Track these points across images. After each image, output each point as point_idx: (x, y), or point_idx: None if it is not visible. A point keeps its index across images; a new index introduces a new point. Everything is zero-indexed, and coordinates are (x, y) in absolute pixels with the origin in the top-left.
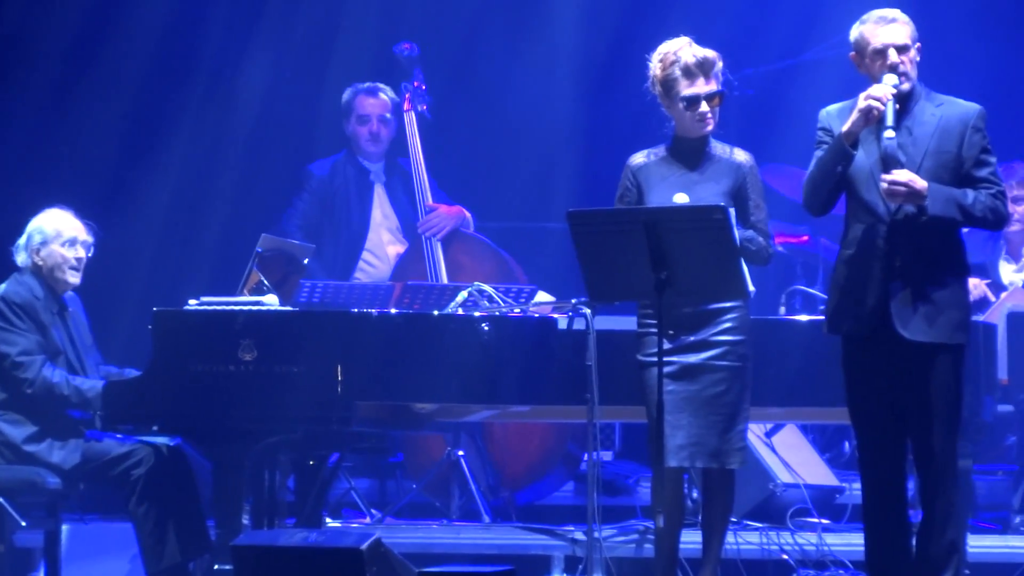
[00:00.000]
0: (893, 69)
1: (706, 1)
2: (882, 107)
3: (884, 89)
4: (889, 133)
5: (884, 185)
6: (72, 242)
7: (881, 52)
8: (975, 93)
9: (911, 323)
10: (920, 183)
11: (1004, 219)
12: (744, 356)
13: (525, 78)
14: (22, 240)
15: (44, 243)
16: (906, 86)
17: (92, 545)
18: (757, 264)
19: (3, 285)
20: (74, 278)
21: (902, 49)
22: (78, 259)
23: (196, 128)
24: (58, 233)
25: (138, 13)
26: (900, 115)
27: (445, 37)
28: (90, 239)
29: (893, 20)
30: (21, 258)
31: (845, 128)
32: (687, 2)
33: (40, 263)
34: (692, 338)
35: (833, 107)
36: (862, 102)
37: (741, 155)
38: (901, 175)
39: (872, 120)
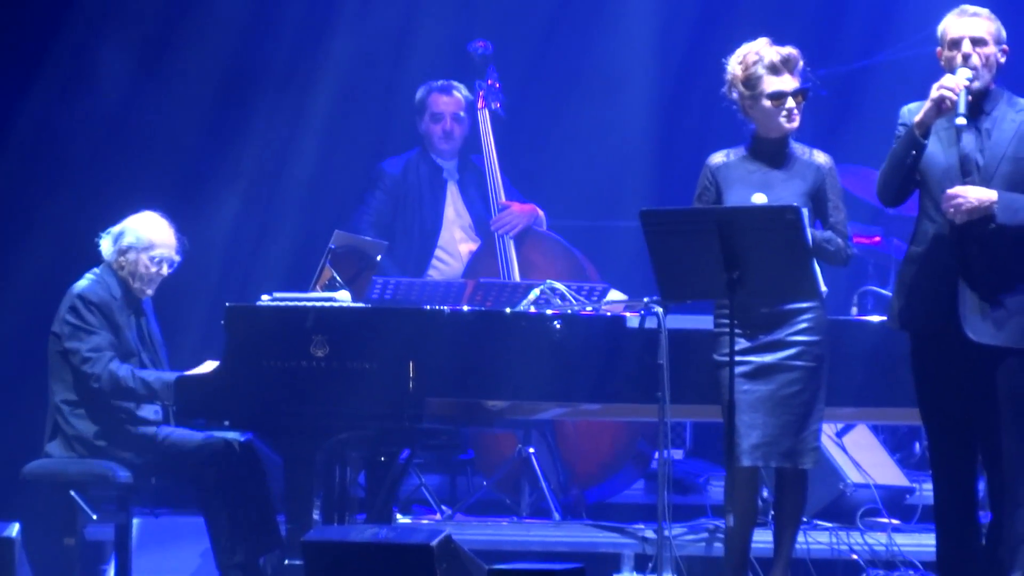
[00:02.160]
0: (965, 60)
1: (780, 3)
2: (954, 97)
3: (956, 79)
4: (960, 120)
5: (946, 204)
6: (160, 260)
7: (956, 43)
8: None
9: (979, 325)
10: (983, 197)
11: None
12: (820, 357)
13: (599, 76)
14: (115, 230)
15: (132, 247)
16: (977, 83)
17: (163, 538)
18: (836, 265)
19: (83, 281)
20: (148, 290)
21: (977, 42)
22: (159, 275)
23: (270, 124)
24: (150, 245)
25: (214, 10)
26: (978, 117)
27: (519, 35)
28: (177, 259)
29: (975, 14)
30: (106, 248)
31: (917, 118)
32: (761, 3)
33: (123, 263)
34: (768, 338)
35: (915, 104)
36: (935, 92)
37: (820, 157)
38: (964, 190)
39: (945, 110)
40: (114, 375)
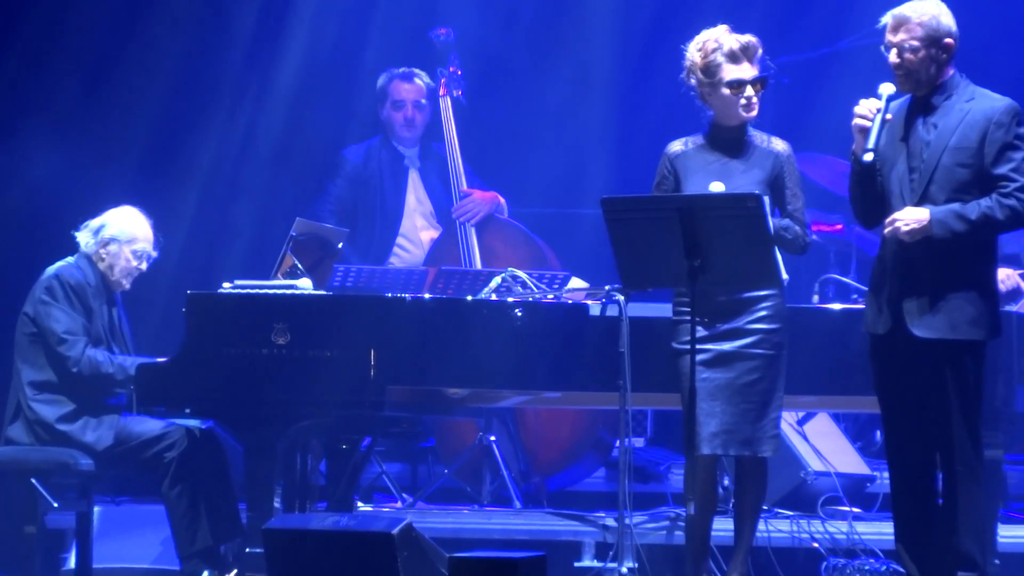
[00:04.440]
0: (896, 69)
1: None
2: (868, 123)
3: (870, 104)
4: (867, 156)
5: (886, 231)
6: (141, 254)
7: (888, 50)
8: (1004, 83)
9: (923, 321)
10: (919, 217)
11: (1018, 220)
12: (779, 344)
13: (560, 64)
14: (95, 223)
15: (114, 240)
16: (908, 87)
17: (124, 527)
18: (794, 253)
19: (60, 263)
20: (126, 284)
21: (908, 50)
22: (138, 270)
23: (232, 111)
24: (132, 238)
25: None
26: (929, 112)
27: (481, 22)
28: (155, 254)
29: (904, 20)
30: (85, 240)
31: (852, 148)
32: None
33: (103, 256)
34: (727, 326)
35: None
36: (853, 120)
37: (779, 144)
38: (901, 215)
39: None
40: (93, 359)
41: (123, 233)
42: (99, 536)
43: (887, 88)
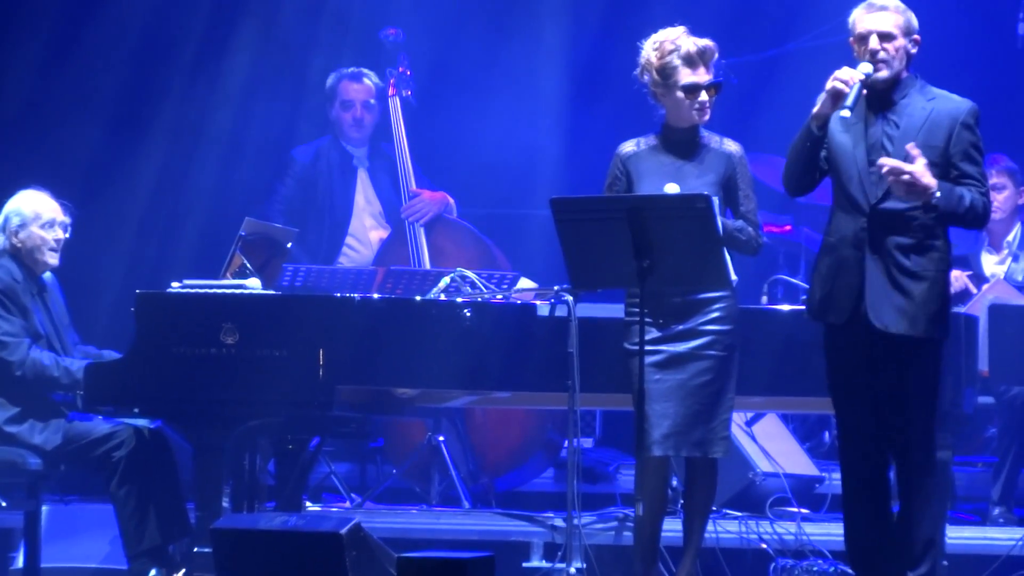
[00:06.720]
0: (873, 56)
1: None
2: (847, 89)
3: (852, 73)
4: (844, 112)
5: (884, 168)
6: (51, 223)
7: (864, 38)
8: (953, 85)
9: (885, 315)
10: (928, 182)
11: (985, 218)
12: (731, 346)
13: (510, 64)
14: None
15: (23, 225)
16: (883, 73)
17: (72, 526)
18: (747, 254)
19: None
20: (53, 259)
21: (885, 37)
22: (57, 240)
23: (180, 110)
24: (37, 215)
25: None
26: (889, 108)
27: (430, 22)
28: (67, 219)
29: (882, 8)
30: None
31: (814, 109)
32: None
33: (19, 245)
34: (680, 327)
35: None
36: (829, 83)
37: (731, 145)
38: (912, 168)
39: (839, 102)
40: (37, 362)
41: (26, 216)
42: (47, 535)
43: (866, 66)
